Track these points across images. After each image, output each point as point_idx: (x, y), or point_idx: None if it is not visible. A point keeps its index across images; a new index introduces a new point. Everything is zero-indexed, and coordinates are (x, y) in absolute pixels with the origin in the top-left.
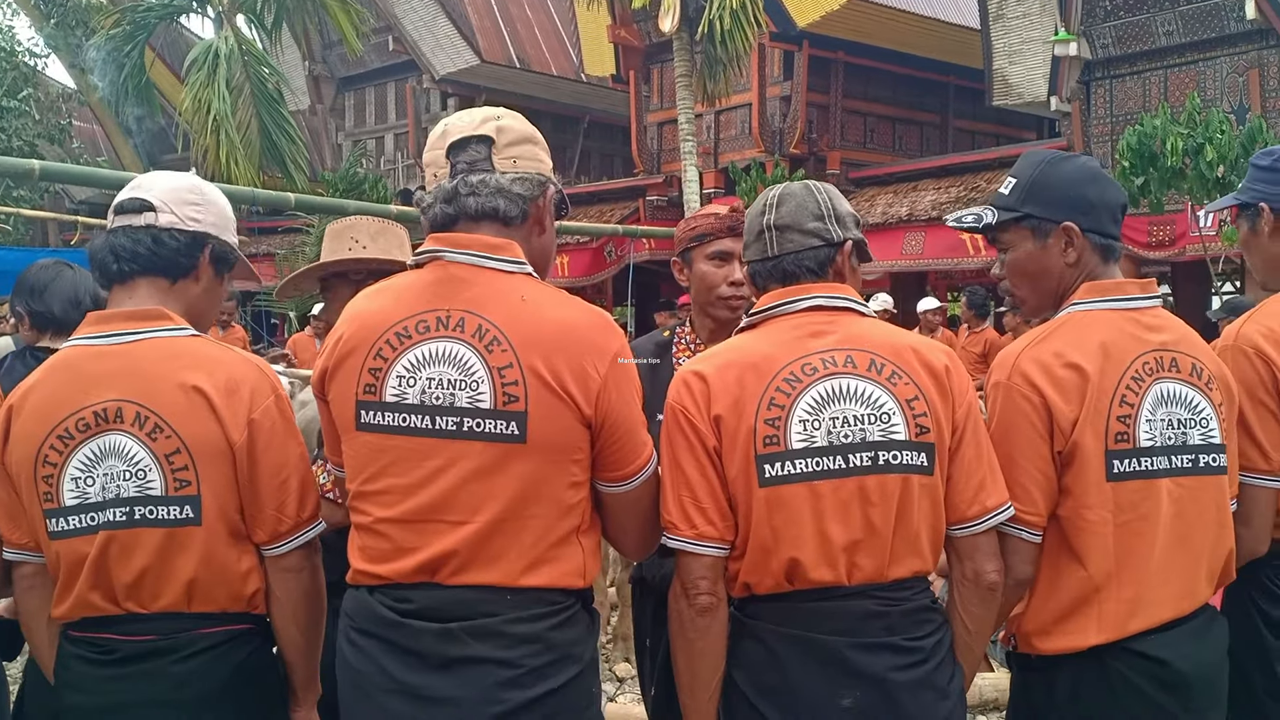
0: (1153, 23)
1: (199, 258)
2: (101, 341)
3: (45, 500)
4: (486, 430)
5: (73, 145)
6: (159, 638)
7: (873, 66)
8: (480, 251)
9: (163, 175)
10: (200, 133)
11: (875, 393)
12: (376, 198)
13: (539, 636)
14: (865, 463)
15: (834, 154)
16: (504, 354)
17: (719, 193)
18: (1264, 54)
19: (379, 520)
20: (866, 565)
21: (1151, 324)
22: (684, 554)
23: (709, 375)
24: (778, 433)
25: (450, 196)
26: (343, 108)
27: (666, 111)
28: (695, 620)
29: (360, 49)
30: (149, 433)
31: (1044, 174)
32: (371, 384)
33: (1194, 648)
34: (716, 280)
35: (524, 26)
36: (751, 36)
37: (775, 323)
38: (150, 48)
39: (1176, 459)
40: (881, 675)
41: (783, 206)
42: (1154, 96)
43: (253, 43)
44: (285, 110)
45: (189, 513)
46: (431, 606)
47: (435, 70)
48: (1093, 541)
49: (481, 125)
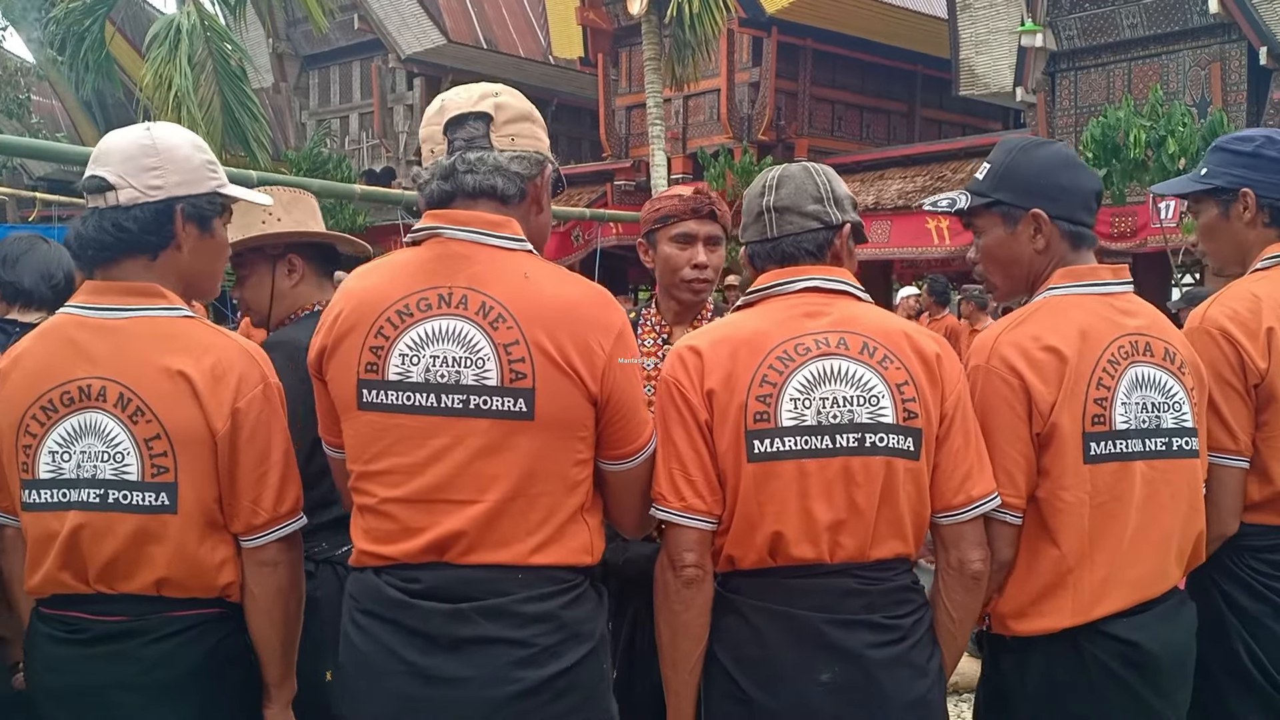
0: (1117, 15)
1: (170, 226)
2: (95, 313)
3: (23, 470)
4: (494, 408)
5: (32, 120)
6: (130, 619)
7: (841, 54)
8: (480, 228)
9: (118, 139)
10: (161, 109)
11: (866, 375)
12: (341, 177)
13: (551, 615)
14: (851, 443)
15: (802, 141)
16: (509, 331)
17: (687, 178)
18: (1226, 48)
19: (384, 500)
20: (848, 544)
21: (1125, 309)
22: (672, 526)
23: (703, 350)
24: (768, 409)
25: (448, 173)
26: (307, 86)
27: (635, 95)
28: (680, 591)
29: (325, 27)
30: (130, 415)
31: (1015, 160)
32: (373, 363)
33: (1163, 630)
34: (680, 262)
35: (491, 7)
36: (720, 21)
37: (771, 302)
38: (111, 22)
39: (1150, 442)
40: (859, 652)
41: (782, 188)
42: (1118, 89)
43: (215, 19)
44: (248, 88)
45: (164, 500)
46: (441, 586)
47: (401, 50)
48: (1069, 523)
49: (480, 102)
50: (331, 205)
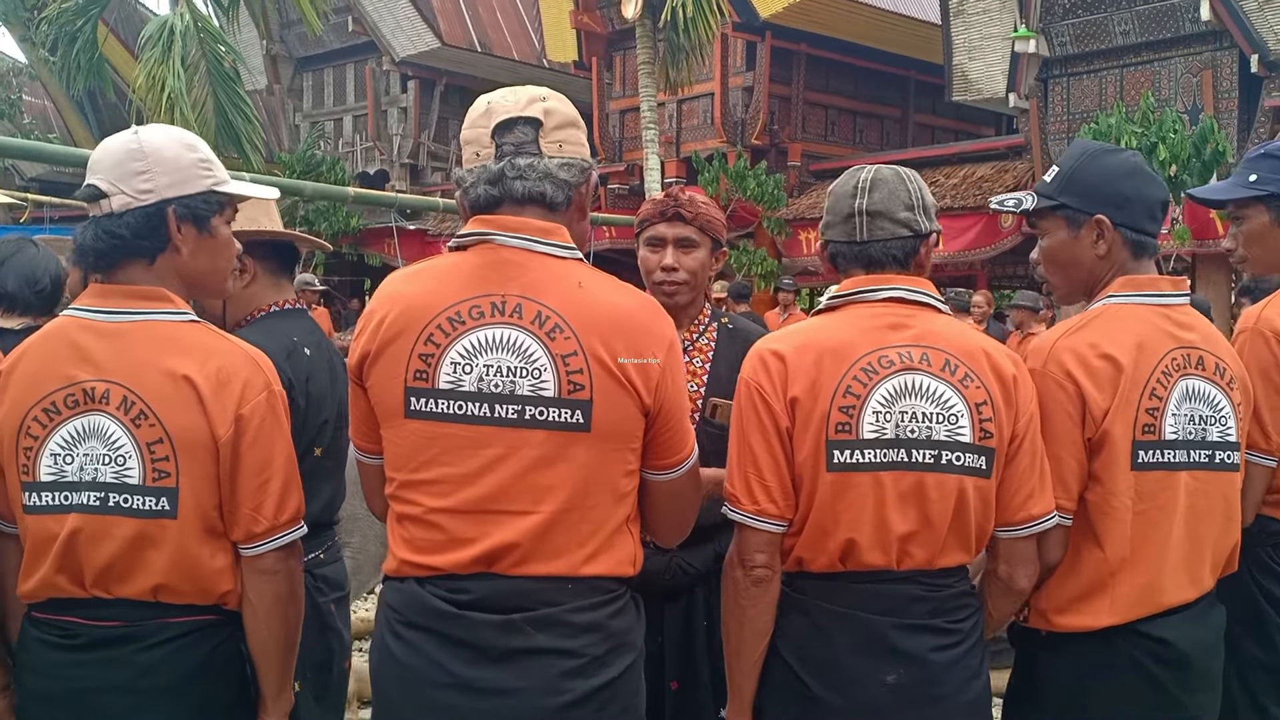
0: (1110, 22)
1: (164, 229)
2: (99, 316)
3: (23, 473)
4: (550, 419)
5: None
6: (125, 624)
7: (834, 59)
8: (532, 235)
9: (108, 145)
10: (154, 110)
11: (946, 393)
12: (334, 180)
13: (600, 625)
14: (928, 459)
15: (795, 146)
16: (567, 341)
17: (681, 181)
18: (1217, 55)
19: (431, 510)
20: (918, 554)
21: (1182, 321)
22: (744, 527)
23: (787, 355)
24: (851, 420)
25: (496, 178)
26: (301, 88)
27: (629, 99)
28: (750, 590)
29: (319, 29)
30: (133, 419)
31: (1084, 166)
32: (423, 370)
33: (1194, 630)
34: (651, 265)
35: (486, 10)
36: (714, 25)
37: (855, 309)
38: (103, 22)
39: (1195, 453)
40: (923, 655)
41: (875, 192)
42: (1110, 95)
43: (209, 20)
44: (242, 90)
45: (165, 505)
46: (490, 597)
47: (395, 52)
48: (1113, 527)
49: (529, 106)
50: (325, 208)
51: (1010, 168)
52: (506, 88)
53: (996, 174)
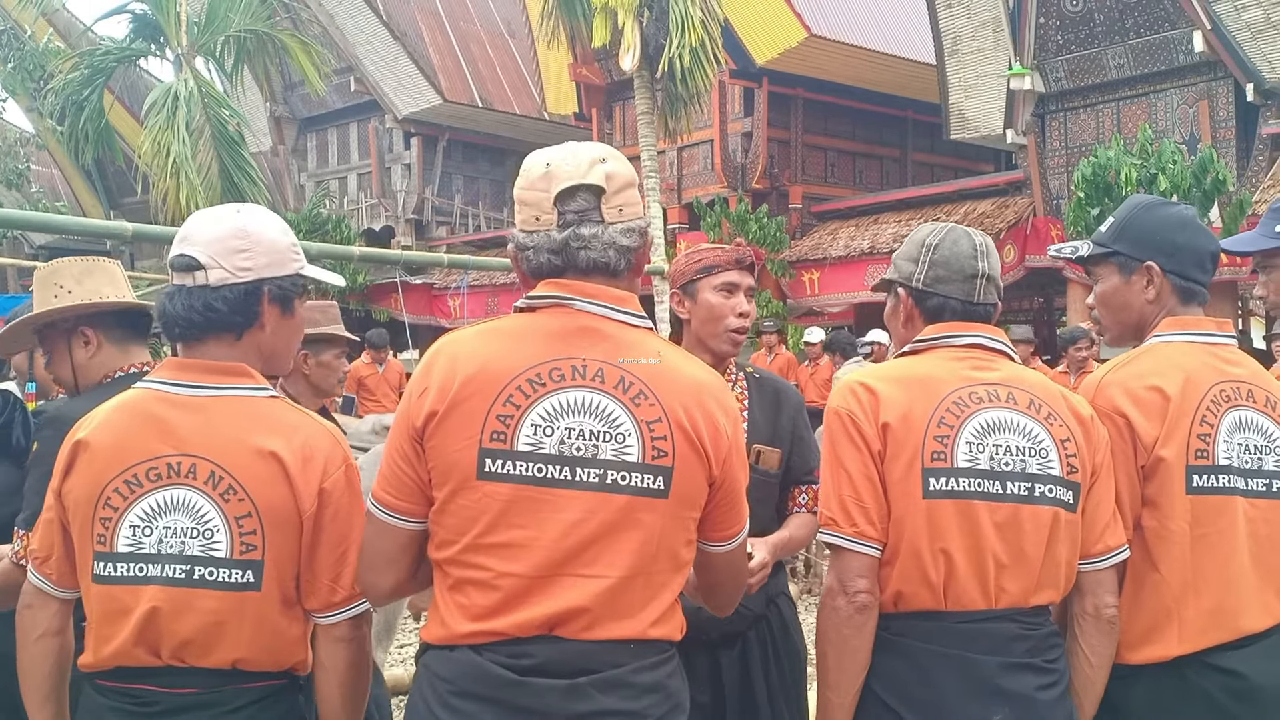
0: (1104, 56)
1: (258, 308)
2: (179, 391)
3: (98, 542)
4: (633, 484)
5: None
6: (201, 690)
7: (832, 102)
8: (610, 303)
9: (207, 220)
10: (160, 175)
11: (1034, 428)
12: (340, 238)
13: (660, 685)
14: (1022, 491)
15: (796, 188)
16: (652, 408)
17: (683, 228)
18: (1212, 86)
19: (501, 575)
20: (1013, 589)
21: (1228, 358)
22: (843, 551)
23: (876, 388)
24: (945, 449)
25: (560, 248)
26: (305, 148)
27: (629, 148)
28: (853, 618)
29: (322, 90)
30: (222, 493)
31: (1137, 216)
32: (500, 431)
33: (1269, 663)
34: (725, 311)
35: (486, 66)
36: (711, 74)
37: (939, 351)
38: (109, 91)
39: (1252, 481)
40: (1029, 694)
41: (991, 257)
42: (1107, 128)
43: (212, 85)
44: (246, 152)
45: (250, 578)
46: (556, 660)
47: (398, 110)
48: (1171, 552)
49: (590, 172)
50: (331, 266)
51: (1011, 203)
52: (563, 146)
53: (997, 209)
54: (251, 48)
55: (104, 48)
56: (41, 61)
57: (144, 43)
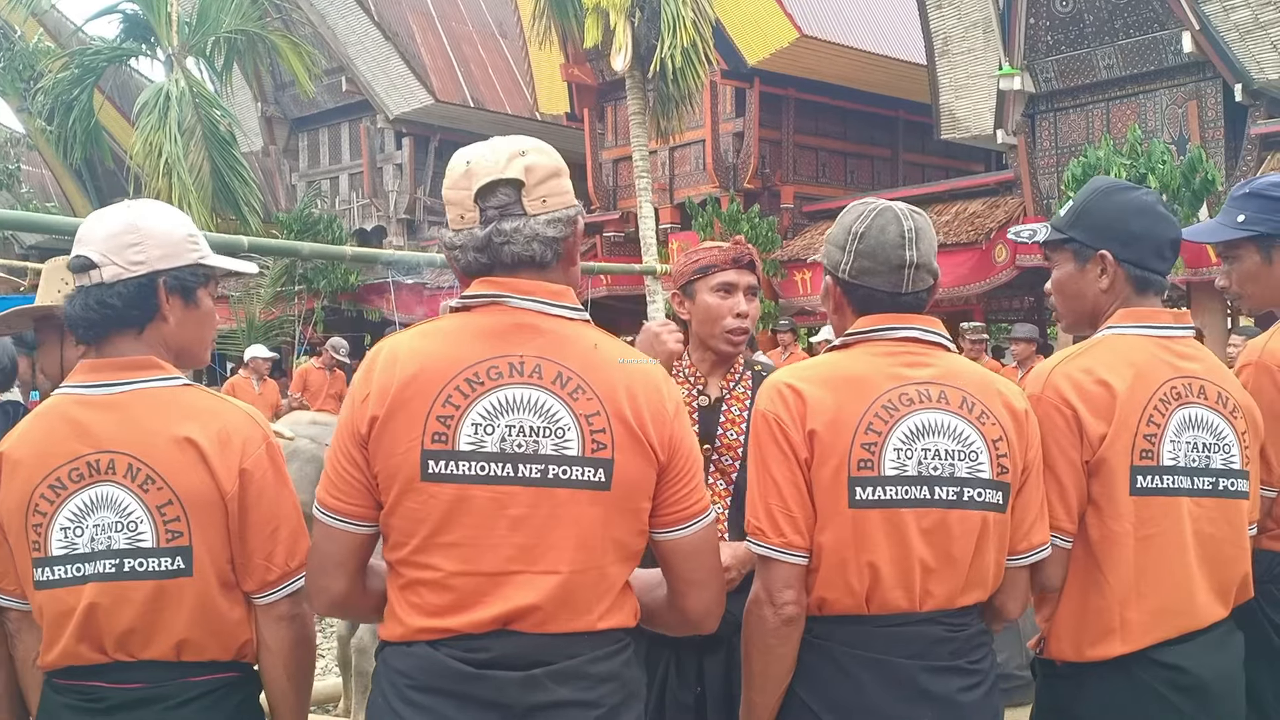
0: (1093, 57)
1: (155, 300)
2: (93, 391)
3: (34, 549)
4: (573, 478)
5: (21, 190)
6: (148, 685)
7: (823, 102)
8: (544, 298)
9: (100, 220)
10: (152, 175)
11: (965, 430)
12: (332, 238)
13: (616, 674)
14: (950, 496)
15: (787, 188)
16: (590, 401)
17: (675, 228)
18: (1202, 86)
19: (451, 574)
20: (939, 592)
21: (1182, 352)
22: (770, 561)
23: (804, 391)
24: (872, 458)
25: (483, 245)
26: (296, 148)
27: (621, 148)
28: (779, 629)
29: (313, 90)
30: (141, 484)
31: (1095, 202)
32: (441, 432)
33: (1212, 657)
34: (723, 312)
35: (477, 66)
36: (703, 74)
37: (871, 346)
38: (99, 91)
39: (1198, 480)
40: (952, 697)
41: (921, 243)
42: (1097, 128)
43: (203, 85)
44: (238, 152)
45: (180, 564)
46: (511, 654)
47: (389, 110)
48: (1116, 553)
49: (508, 166)
50: (323, 266)
51: (1001, 203)
52: (484, 142)
53: (988, 209)
54: (242, 48)
55: (94, 47)
56: (31, 61)
57: (134, 43)
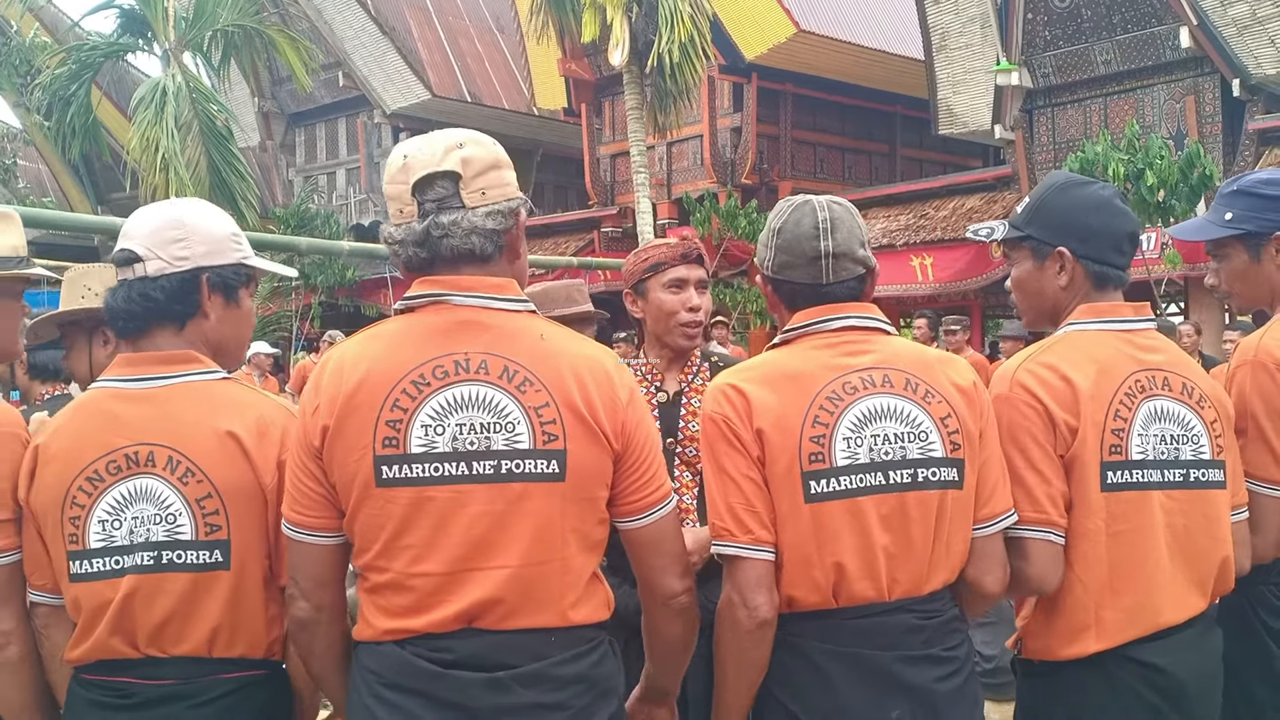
0: (1091, 52)
1: (197, 295)
2: (131, 384)
3: (70, 542)
4: (527, 471)
5: (18, 185)
6: (177, 682)
7: (821, 98)
8: (486, 293)
9: (145, 215)
10: (149, 171)
11: (913, 411)
12: (329, 233)
13: (583, 676)
14: (905, 479)
15: (785, 184)
16: (538, 394)
17: (673, 223)
18: (1199, 81)
19: (410, 575)
20: (905, 579)
21: (1145, 345)
22: (740, 561)
23: (748, 391)
24: (823, 449)
25: (422, 240)
26: (293, 143)
27: (619, 144)
28: (753, 633)
29: (310, 85)
30: (180, 477)
31: (1051, 198)
32: (392, 437)
33: (1189, 655)
34: (675, 306)
35: (475, 61)
36: (700, 69)
37: (809, 339)
38: (96, 86)
39: (1168, 473)
40: (927, 687)
41: (837, 233)
42: (1094, 123)
43: (200, 80)
44: (235, 147)
45: (218, 557)
46: (476, 654)
47: (386, 105)
48: (1088, 549)
49: (445, 159)
50: (321, 261)
51: (999, 198)
52: (422, 135)
53: (985, 205)
54: (239, 43)
55: (91, 43)
56: (28, 57)
57: (131, 38)
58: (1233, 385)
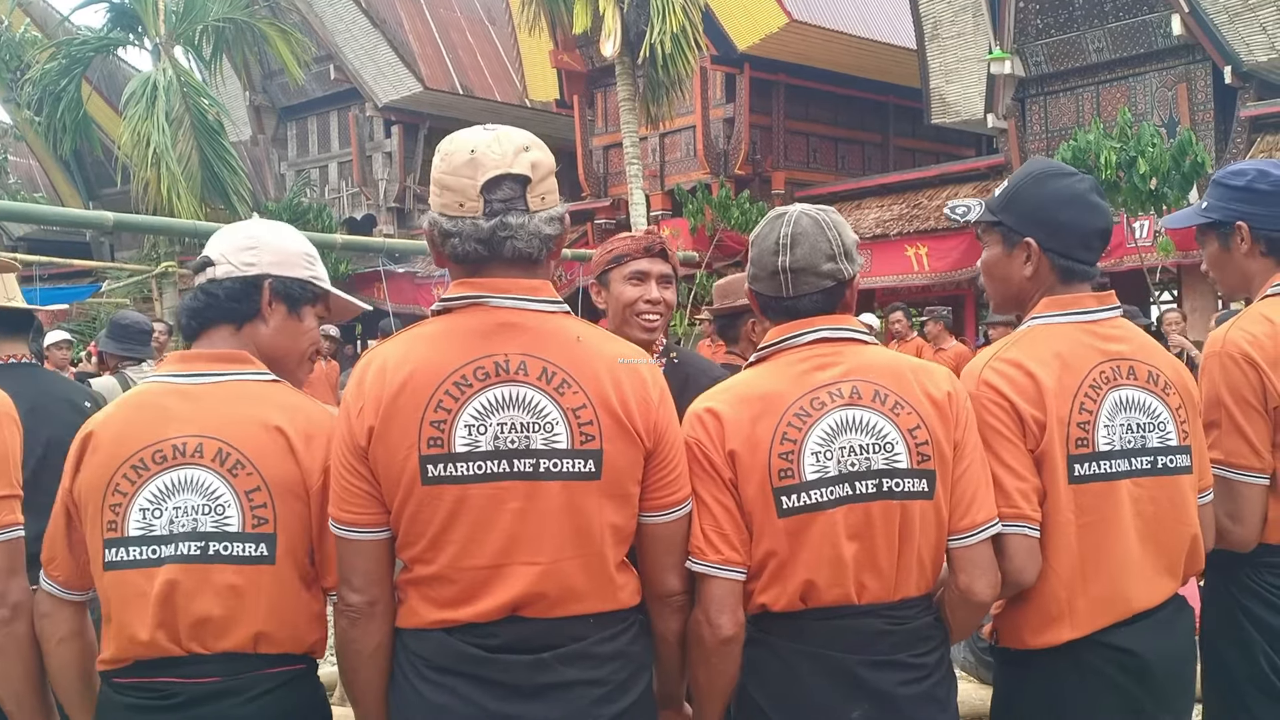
0: (1083, 40)
1: (258, 299)
2: (183, 380)
3: (109, 529)
4: (564, 470)
5: (9, 180)
6: (223, 679)
7: (813, 88)
8: (523, 295)
9: (226, 231)
10: (140, 166)
11: (879, 423)
12: (322, 227)
13: (621, 652)
14: (870, 490)
15: (778, 174)
16: (575, 395)
17: (666, 214)
18: (1191, 69)
19: (457, 569)
20: (873, 586)
21: (1109, 334)
22: (709, 579)
23: (722, 413)
24: (792, 466)
25: (487, 238)
26: (285, 137)
27: (611, 135)
28: (719, 649)
29: (301, 78)
30: (230, 468)
31: (1026, 187)
32: (436, 437)
33: (1159, 639)
34: (634, 297)
35: (466, 53)
36: (693, 60)
37: (784, 355)
38: (87, 81)
39: (1136, 461)
40: (889, 690)
41: (797, 248)
42: (1087, 112)
43: (191, 74)
44: (226, 141)
45: (264, 550)
46: (520, 639)
47: (378, 98)
48: (1058, 541)
49: (515, 161)
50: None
51: (992, 187)
52: (485, 131)
53: (979, 194)
54: (230, 36)
55: (81, 37)
56: (18, 51)
57: (122, 32)
58: (1204, 377)
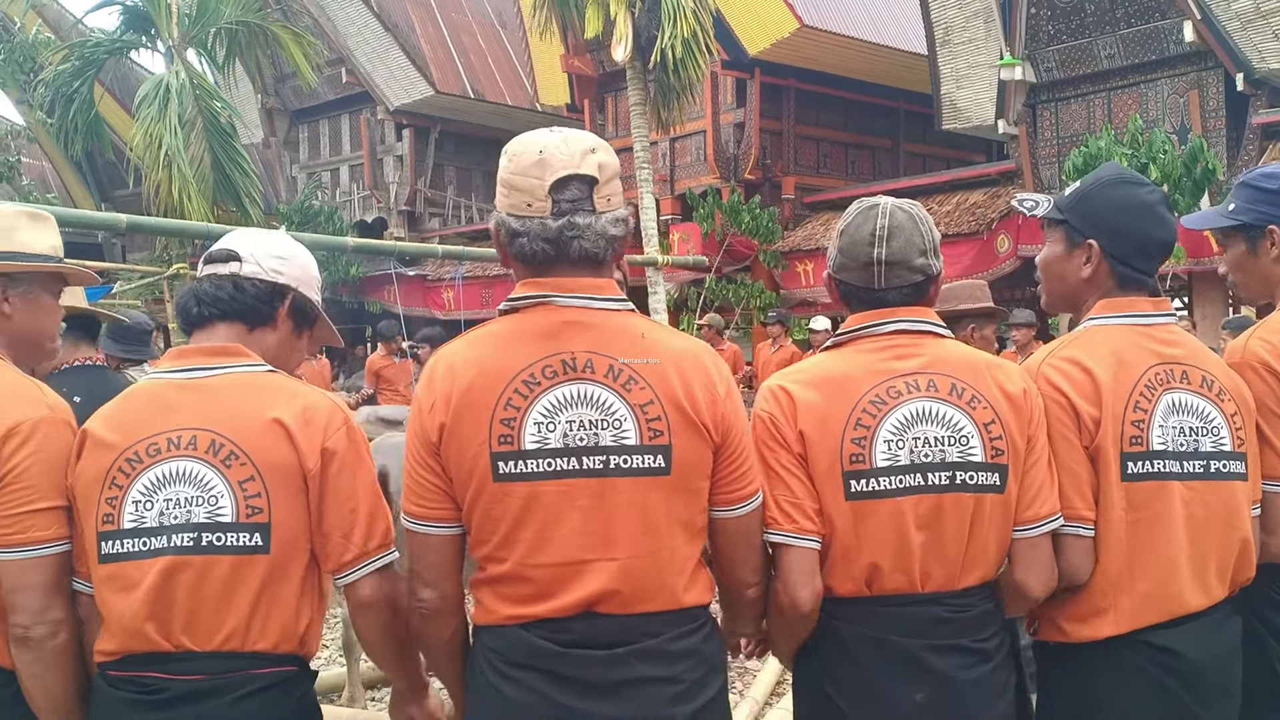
0: (1095, 46)
1: (278, 307)
2: (180, 375)
3: (104, 522)
4: (634, 466)
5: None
6: (211, 677)
7: (824, 93)
8: (588, 294)
9: (255, 231)
10: (152, 167)
11: (955, 416)
12: (333, 229)
13: (695, 650)
14: (943, 481)
15: (789, 179)
16: (643, 391)
17: (676, 219)
18: (1203, 75)
19: (530, 566)
20: (938, 575)
21: (1164, 339)
22: (787, 549)
23: (795, 392)
24: (864, 451)
25: (554, 237)
26: (297, 140)
27: (622, 139)
28: (800, 620)
29: (314, 81)
30: (223, 460)
31: (1095, 191)
32: (507, 434)
33: (1205, 640)
34: None
35: (477, 57)
36: (703, 65)
37: (862, 343)
38: (99, 83)
39: (1188, 464)
40: (950, 674)
41: (893, 241)
42: (1098, 118)
43: (204, 77)
44: (238, 144)
45: (258, 540)
46: (595, 634)
47: (389, 102)
48: (1108, 538)
49: (583, 162)
50: (324, 258)
51: (1002, 193)
52: (552, 132)
53: (989, 200)
54: (243, 39)
55: (94, 39)
56: (31, 53)
57: (135, 34)
58: None
